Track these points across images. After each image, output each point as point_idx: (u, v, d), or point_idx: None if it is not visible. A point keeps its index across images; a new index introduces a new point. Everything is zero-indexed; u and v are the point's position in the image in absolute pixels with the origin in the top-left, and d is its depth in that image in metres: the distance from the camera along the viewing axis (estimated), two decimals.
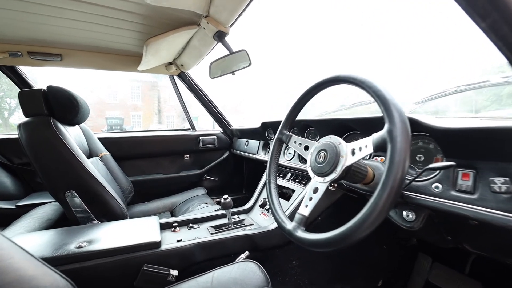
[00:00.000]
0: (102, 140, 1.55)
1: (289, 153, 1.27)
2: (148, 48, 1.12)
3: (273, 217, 1.16)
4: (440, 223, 0.71)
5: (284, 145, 0.90)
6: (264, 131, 1.53)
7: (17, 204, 1.34)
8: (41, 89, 1.09)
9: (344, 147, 0.61)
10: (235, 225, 1.14)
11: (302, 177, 1.18)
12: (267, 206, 1.22)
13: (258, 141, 1.64)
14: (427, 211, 0.69)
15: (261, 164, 1.62)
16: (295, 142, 0.78)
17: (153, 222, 1.01)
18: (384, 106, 0.50)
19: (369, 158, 0.84)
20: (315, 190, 0.65)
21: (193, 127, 2.01)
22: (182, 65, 1.61)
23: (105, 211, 1.12)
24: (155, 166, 1.86)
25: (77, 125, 1.37)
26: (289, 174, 1.26)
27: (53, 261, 0.72)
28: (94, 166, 1.29)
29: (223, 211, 1.22)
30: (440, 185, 0.62)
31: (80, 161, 1.06)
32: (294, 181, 1.20)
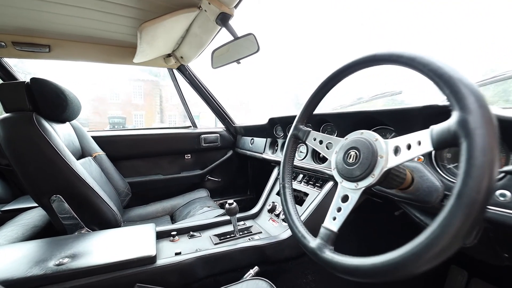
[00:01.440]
0: (96, 138, 1.43)
1: (300, 151, 1.14)
2: (143, 34, 0.99)
3: (284, 225, 1.05)
4: (498, 239, 0.58)
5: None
6: (271, 128, 1.40)
7: (2, 209, 1.23)
8: (24, 82, 0.97)
9: (383, 145, 0.48)
10: (241, 233, 1.01)
11: (316, 179, 1.05)
12: (277, 212, 1.09)
13: (265, 139, 1.51)
14: (484, 224, 0.55)
15: (268, 164, 1.49)
16: (314, 139, 0.65)
17: (149, 231, 0.89)
18: (450, 87, 0.36)
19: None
20: (345, 199, 0.52)
21: (194, 125, 1.89)
22: (181, 57, 1.48)
23: (96, 218, 1.00)
24: (153, 167, 1.73)
25: (67, 123, 1.25)
26: (301, 176, 1.13)
27: (25, 283, 0.60)
28: (86, 167, 1.18)
29: (227, 217, 1.10)
30: (508, 193, 0.49)
31: (67, 161, 0.94)
32: (307, 183, 1.07)
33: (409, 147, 0.44)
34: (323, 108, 1.20)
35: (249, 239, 0.95)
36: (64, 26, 1.13)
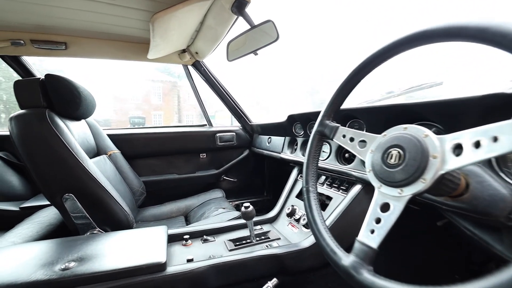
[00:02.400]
0: (111, 136, 1.41)
1: (323, 151, 1.04)
2: (155, 26, 0.94)
3: (305, 231, 0.96)
4: None
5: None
6: (290, 126, 1.31)
7: (21, 206, 1.24)
8: (39, 78, 0.96)
9: (436, 142, 0.38)
10: (258, 239, 0.94)
11: (341, 182, 0.94)
12: (297, 216, 1.00)
13: (283, 137, 1.42)
14: None
15: (286, 164, 1.40)
16: (343, 136, 0.56)
17: (161, 234, 0.83)
18: None
19: None
20: (385, 208, 0.43)
21: (209, 123, 1.84)
22: (196, 53, 1.43)
23: (108, 218, 0.97)
24: (169, 166, 1.70)
25: (83, 120, 1.24)
26: (323, 177, 1.03)
27: None
28: (100, 166, 1.16)
29: (243, 221, 1.03)
30: None
31: (79, 160, 0.91)
32: (331, 186, 0.97)
33: (477, 144, 0.34)
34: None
35: (266, 246, 0.87)
36: (79, 22, 1.11)
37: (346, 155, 0.94)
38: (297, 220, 0.99)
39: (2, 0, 0.95)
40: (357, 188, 0.84)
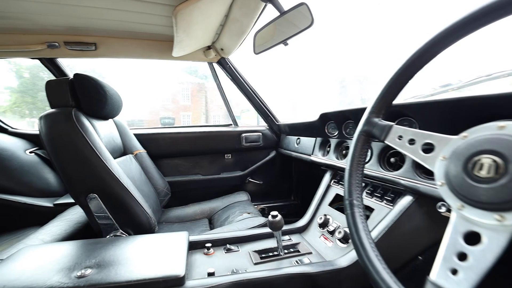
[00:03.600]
0: (138, 136, 1.41)
1: None
2: (178, 20, 0.89)
3: (341, 246, 0.83)
4: None
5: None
6: (322, 126, 1.18)
7: (54, 203, 1.28)
8: (68, 78, 0.96)
9: None
10: (286, 251, 0.84)
11: (385, 191, 0.81)
12: (330, 227, 0.88)
13: (314, 138, 1.30)
14: None
15: (317, 168, 1.28)
16: (399, 138, 0.44)
17: (181, 240, 0.77)
18: None
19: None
20: (472, 239, 0.31)
21: (235, 123, 1.77)
22: (222, 49, 1.38)
23: (130, 221, 0.94)
24: (193, 166, 1.67)
25: (110, 120, 1.24)
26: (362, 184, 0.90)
27: None
28: (126, 165, 1.15)
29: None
30: None
31: (103, 160, 0.89)
32: (372, 195, 0.84)
33: None
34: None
35: (296, 261, 0.77)
36: (106, 21, 1.11)
37: (392, 159, 0.80)
38: (331, 233, 0.87)
39: (38, 4, 0.97)
40: (406, 200, 0.70)
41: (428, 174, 0.65)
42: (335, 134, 1.12)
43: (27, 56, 1.25)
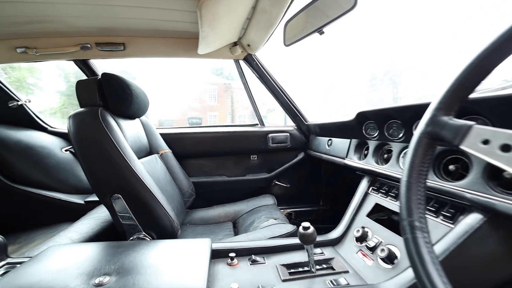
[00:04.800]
0: (163, 136, 1.40)
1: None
2: (203, 13, 0.84)
3: (384, 267, 0.71)
4: None
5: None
6: (359, 126, 1.06)
7: (85, 200, 1.32)
8: (97, 77, 0.96)
9: None
10: (318, 267, 0.74)
11: (441, 204, 0.67)
12: (371, 243, 0.76)
13: (348, 140, 1.17)
14: None
15: (351, 172, 1.16)
16: (485, 143, 0.33)
17: (204, 249, 0.72)
18: None
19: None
20: None
21: (261, 122, 1.70)
22: (248, 45, 1.31)
23: (153, 223, 0.91)
24: (218, 167, 1.63)
25: (137, 119, 1.24)
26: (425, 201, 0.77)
27: None
28: (151, 165, 1.13)
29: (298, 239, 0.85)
30: None
31: (127, 160, 0.87)
32: None
33: None
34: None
35: (331, 281, 0.67)
36: (134, 20, 1.11)
37: (451, 166, 0.66)
38: (371, 249, 0.75)
39: (71, 5, 0.99)
40: (474, 218, 0.56)
41: (507, 187, 0.52)
42: (375, 135, 0.99)
43: (63, 58, 1.30)
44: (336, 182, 1.67)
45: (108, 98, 0.96)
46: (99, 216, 1.14)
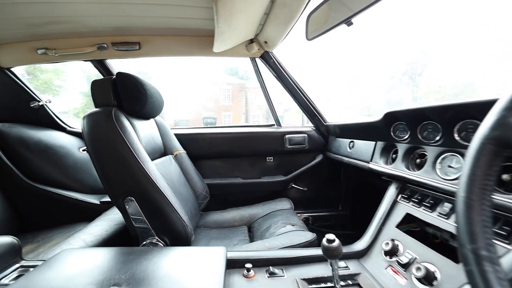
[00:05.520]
0: (177, 136, 1.38)
1: (450, 166, 0.69)
2: (219, 7, 0.79)
3: None
4: None
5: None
6: (387, 127, 0.97)
7: (101, 200, 1.32)
8: (111, 77, 0.95)
9: None
10: (343, 283, 0.67)
11: (506, 222, 0.58)
12: (403, 259, 0.68)
13: (373, 142, 1.09)
14: None
15: (376, 177, 1.07)
16: None
17: (218, 258, 0.67)
18: None
19: None
20: None
21: (278, 123, 1.64)
22: (266, 42, 1.26)
23: (166, 228, 0.88)
24: (233, 168, 1.59)
25: (151, 119, 1.22)
26: (450, 205, 0.68)
27: None
28: (165, 166, 1.11)
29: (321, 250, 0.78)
30: None
31: (140, 162, 0.84)
32: None
33: None
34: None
35: None
36: (149, 18, 1.09)
37: (505, 176, 0.57)
38: (404, 266, 0.67)
39: (88, 5, 0.98)
40: None
41: None
42: (405, 137, 0.89)
43: (80, 58, 1.31)
44: (357, 187, 1.57)
45: (122, 98, 0.94)
46: (113, 217, 1.12)
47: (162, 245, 0.87)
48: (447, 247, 0.68)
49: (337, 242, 0.62)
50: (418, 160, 0.84)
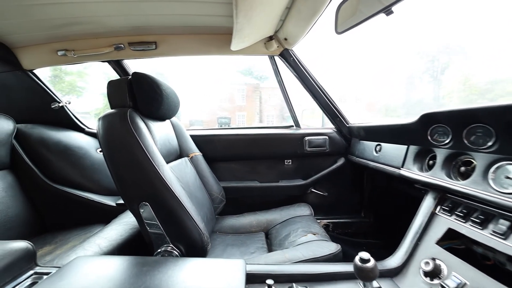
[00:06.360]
0: (193, 137, 1.34)
1: (507, 176, 0.59)
2: (239, 2, 0.74)
3: None
4: None
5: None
6: (424, 130, 0.87)
7: (116, 202, 1.31)
8: (127, 77, 0.92)
9: None
10: None
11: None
12: (449, 283, 0.59)
13: (405, 146, 0.99)
14: None
15: (405, 184, 0.98)
16: None
17: (237, 272, 0.62)
18: None
19: None
20: None
21: (297, 124, 1.56)
22: (285, 39, 1.19)
23: (181, 235, 0.83)
24: (250, 171, 1.53)
25: (167, 121, 1.19)
26: (507, 223, 0.58)
27: None
28: (181, 169, 1.07)
29: (349, 266, 0.71)
30: None
31: (155, 165, 0.80)
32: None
33: None
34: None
35: None
36: (166, 17, 1.07)
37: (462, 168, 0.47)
38: None
39: (105, 4, 0.96)
40: None
41: None
42: (446, 142, 0.79)
43: (98, 59, 1.30)
44: (381, 192, 1.47)
45: (138, 98, 0.91)
46: (128, 221, 1.10)
47: (177, 253, 0.83)
48: (503, 271, 0.58)
49: (372, 262, 0.54)
50: (462, 168, 0.74)
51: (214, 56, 1.29)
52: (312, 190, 1.53)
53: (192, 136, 1.34)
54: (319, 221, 1.47)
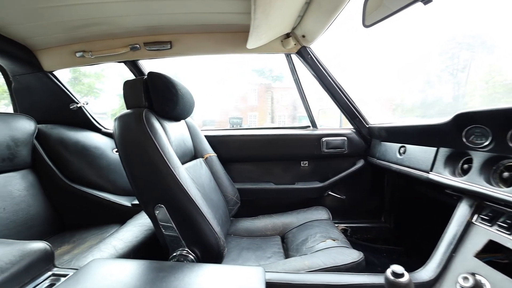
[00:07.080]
0: (207, 138, 1.32)
1: None
2: None
3: None
4: None
5: None
6: (458, 132, 0.80)
7: (132, 203, 1.31)
8: (143, 77, 0.91)
9: None
10: None
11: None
12: None
13: (434, 148, 0.92)
14: None
15: (434, 189, 0.91)
16: None
17: (256, 282, 0.58)
18: None
19: None
20: None
21: (314, 124, 1.51)
22: (303, 36, 1.14)
23: (197, 239, 0.81)
24: (265, 173, 1.49)
25: (182, 121, 1.17)
26: None
27: None
28: (196, 170, 1.05)
29: (375, 278, 0.65)
30: None
31: (170, 167, 0.78)
32: None
33: None
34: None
35: None
36: (181, 15, 1.05)
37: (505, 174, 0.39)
38: None
39: (120, 4, 0.96)
40: None
41: None
42: (485, 144, 0.72)
43: (115, 60, 1.31)
44: (403, 197, 1.39)
45: (153, 98, 0.90)
46: (144, 222, 1.09)
47: (192, 257, 0.81)
48: None
49: (407, 277, 0.49)
50: (505, 174, 0.67)
51: (226, 56, 1.27)
52: (330, 193, 1.47)
53: (206, 136, 1.32)
54: (336, 225, 1.41)
